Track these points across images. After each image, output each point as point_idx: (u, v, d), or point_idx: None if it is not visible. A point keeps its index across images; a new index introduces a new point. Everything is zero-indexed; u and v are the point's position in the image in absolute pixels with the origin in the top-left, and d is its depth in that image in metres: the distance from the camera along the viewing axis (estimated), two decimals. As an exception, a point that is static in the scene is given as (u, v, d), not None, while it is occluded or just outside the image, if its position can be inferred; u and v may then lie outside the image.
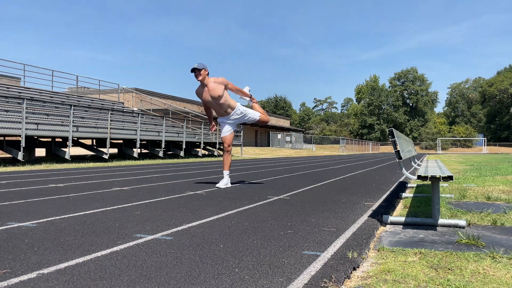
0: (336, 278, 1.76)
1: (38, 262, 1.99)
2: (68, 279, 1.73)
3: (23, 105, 11.55)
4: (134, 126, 16.62)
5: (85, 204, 3.94)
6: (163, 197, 4.52)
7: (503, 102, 76.34)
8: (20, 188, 5.35)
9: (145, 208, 3.75)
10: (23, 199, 4.27)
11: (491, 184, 6.10)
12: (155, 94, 30.74)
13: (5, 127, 11.11)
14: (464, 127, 77.63)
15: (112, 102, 22.38)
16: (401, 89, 78.94)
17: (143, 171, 9.16)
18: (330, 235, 2.61)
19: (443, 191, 5.20)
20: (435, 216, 2.99)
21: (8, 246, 2.30)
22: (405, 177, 7.37)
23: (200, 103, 37.20)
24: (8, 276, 1.76)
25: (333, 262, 1.99)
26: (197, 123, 23.21)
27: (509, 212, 3.52)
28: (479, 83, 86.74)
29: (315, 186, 5.77)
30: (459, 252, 2.22)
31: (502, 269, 1.91)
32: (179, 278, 1.75)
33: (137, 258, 2.07)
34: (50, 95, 18.79)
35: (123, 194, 4.83)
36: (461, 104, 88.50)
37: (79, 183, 6.12)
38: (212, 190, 5.29)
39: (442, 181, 2.89)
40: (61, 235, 2.60)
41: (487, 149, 58.09)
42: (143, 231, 2.71)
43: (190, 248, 2.26)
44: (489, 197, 4.47)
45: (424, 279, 1.77)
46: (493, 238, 2.59)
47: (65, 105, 15.52)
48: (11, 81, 21.60)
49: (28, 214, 3.35)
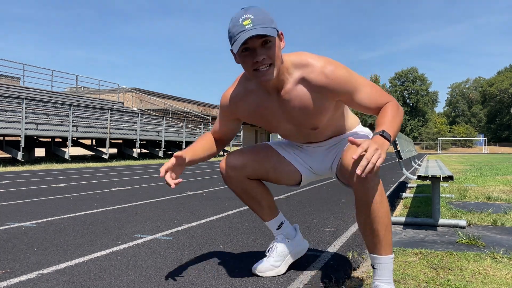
0: (336, 278, 1.75)
1: (37, 262, 1.98)
2: (68, 279, 1.73)
3: (22, 105, 11.54)
4: (134, 126, 16.62)
5: (85, 204, 3.94)
6: (163, 197, 4.52)
7: (504, 102, 76.35)
8: (20, 188, 5.34)
9: (145, 208, 3.74)
10: (23, 199, 4.27)
11: (491, 184, 6.09)
12: (155, 94, 30.74)
13: (5, 127, 11.11)
14: (465, 127, 77.63)
15: (112, 102, 22.38)
16: (401, 89, 78.96)
17: (143, 171, 9.16)
18: (330, 235, 2.60)
19: (443, 191, 5.20)
20: (435, 216, 2.99)
21: (7, 246, 2.29)
22: (405, 177, 7.37)
23: (199, 103, 37.10)
24: (7, 276, 1.76)
25: (333, 262, 1.98)
26: (197, 123, 23.22)
27: (510, 212, 3.52)
28: (479, 83, 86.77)
29: (315, 186, 5.77)
30: (459, 252, 2.21)
31: (502, 269, 1.91)
32: (179, 278, 1.74)
33: (137, 258, 2.06)
34: (50, 95, 18.79)
35: (123, 194, 4.83)
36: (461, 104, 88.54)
37: (78, 183, 6.12)
38: (212, 190, 5.28)
39: (443, 181, 2.88)
40: (61, 235, 2.60)
41: (487, 149, 58.10)
42: (143, 231, 2.71)
43: (190, 248, 2.26)
44: (489, 197, 4.47)
45: (424, 279, 1.77)
46: (493, 238, 2.58)
47: (65, 105, 15.51)
48: (11, 81, 21.60)
49: (28, 214, 3.35)
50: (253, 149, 1.77)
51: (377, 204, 1.43)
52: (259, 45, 1.39)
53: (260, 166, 1.73)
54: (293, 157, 1.77)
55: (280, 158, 1.76)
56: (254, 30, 1.35)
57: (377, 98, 1.54)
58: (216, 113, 36.94)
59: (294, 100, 1.54)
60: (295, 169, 1.76)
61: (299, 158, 1.76)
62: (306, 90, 1.52)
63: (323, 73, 1.48)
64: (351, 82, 1.50)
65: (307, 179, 1.80)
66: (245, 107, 1.64)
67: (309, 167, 1.77)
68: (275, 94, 1.56)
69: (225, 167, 1.73)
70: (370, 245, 1.51)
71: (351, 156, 1.45)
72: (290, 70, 1.51)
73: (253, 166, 1.72)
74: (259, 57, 1.39)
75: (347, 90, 1.51)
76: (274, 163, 1.75)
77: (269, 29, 1.37)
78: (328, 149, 1.73)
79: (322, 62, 1.50)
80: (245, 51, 1.41)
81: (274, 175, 1.76)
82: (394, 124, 1.45)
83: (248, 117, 1.68)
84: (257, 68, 1.41)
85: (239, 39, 1.36)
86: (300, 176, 1.78)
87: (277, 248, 1.81)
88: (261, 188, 1.78)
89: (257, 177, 1.75)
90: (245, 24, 1.36)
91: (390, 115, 1.48)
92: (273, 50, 1.40)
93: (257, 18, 1.37)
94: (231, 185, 1.76)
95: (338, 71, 1.49)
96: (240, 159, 1.71)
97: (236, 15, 1.40)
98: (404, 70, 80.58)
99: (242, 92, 1.63)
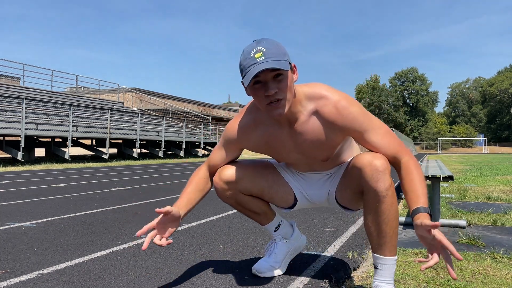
0: (336, 278, 1.75)
1: (37, 262, 1.98)
2: (68, 279, 1.73)
3: (22, 105, 11.54)
4: (134, 126, 16.62)
5: (85, 204, 3.94)
6: (163, 197, 4.52)
7: (504, 102, 76.35)
8: (20, 188, 5.34)
9: (145, 208, 3.74)
10: (23, 199, 4.27)
11: (491, 184, 6.09)
12: (155, 94, 30.74)
13: (5, 127, 11.11)
14: (465, 127, 77.63)
15: (112, 102, 22.38)
16: (401, 89, 78.96)
17: (143, 171, 9.16)
18: (330, 235, 2.60)
19: (443, 191, 5.20)
20: (435, 216, 2.99)
21: (7, 246, 2.29)
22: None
23: (199, 103, 37.06)
24: (7, 276, 1.76)
25: (333, 262, 1.98)
26: (197, 123, 23.23)
27: (510, 212, 3.52)
28: (479, 83, 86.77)
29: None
30: (459, 252, 2.21)
31: (502, 269, 1.91)
32: (179, 278, 1.74)
33: (137, 258, 2.06)
34: (50, 95, 18.79)
35: (123, 194, 4.82)
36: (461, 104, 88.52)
37: (78, 183, 6.12)
38: (212, 190, 5.28)
39: (443, 181, 2.88)
40: (61, 235, 2.60)
41: (487, 149, 58.11)
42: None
43: (190, 248, 2.26)
44: (489, 197, 4.47)
45: (424, 279, 1.77)
46: (493, 238, 2.58)
47: (65, 105, 15.52)
48: (11, 81, 21.60)
49: (28, 214, 3.35)
50: (251, 163, 1.71)
51: (389, 205, 1.42)
52: (271, 78, 1.35)
53: (256, 182, 1.66)
54: (292, 180, 1.71)
55: (279, 177, 1.70)
56: (265, 63, 1.31)
57: (395, 147, 1.49)
58: (216, 113, 36.94)
59: (306, 133, 1.49)
60: (290, 191, 1.70)
61: (297, 183, 1.71)
62: (319, 123, 1.48)
63: (336, 108, 1.45)
64: (363, 121, 1.46)
65: (300, 204, 1.74)
66: (254, 138, 1.58)
67: (305, 194, 1.71)
68: (287, 126, 1.51)
69: (219, 180, 1.65)
70: (375, 245, 1.50)
71: (363, 161, 1.46)
72: (303, 102, 1.47)
73: (248, 181, 1.65)
74: (271, 91, 1.35)
75: (358, 129, 1.47)
76: (270, 181, 1.68)
77: (281, 62, 1.33)
78: (327, 176, 1.68)
79: (337, 96, 1.47)
80: (257, 83, 1.37)
81: (268, 194, 1.69)
82: (426, 193, 1.40)
83: (256, 147, 1.61)
84: (269, 102, 1.37)
85: (250, 72, 1.32)
86: (294, 199, 1.72)
87: (275, 249, 1.81)
88: (255, 200, 1.71)
89: (250, 193, 1.68)
90: (257, 57, 1.33)
91: (419, 181, 1.42)
92: (285, 83, 1.36)
93: (269, 51, 1.34)
94: (225, 198, 1.68)
95: (352, 108, 1.46)
96: (235, 173, 1.64)
97: (248, 48, 1.37)
98: (404, 70, 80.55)
99: (251, 123, 1.57)
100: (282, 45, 1.39)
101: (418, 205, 1.35)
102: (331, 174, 1.68)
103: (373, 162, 1.44)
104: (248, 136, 1.59)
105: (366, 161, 1.45)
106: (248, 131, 1.58)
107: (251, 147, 1.63)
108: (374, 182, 1.42)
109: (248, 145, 1.62)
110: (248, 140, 1.60)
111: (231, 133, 1.62)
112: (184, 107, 30.88)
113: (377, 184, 1.42)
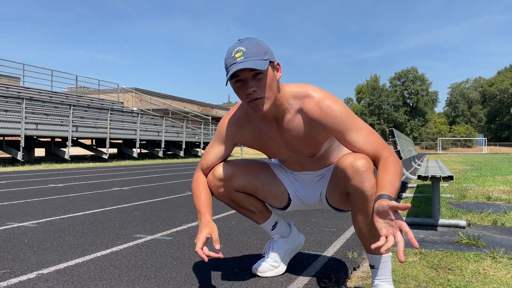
0: (336, 278, 1.75)
1: (37, 262, 1.98)
2: (68, 279, 1.73)
3: (22, 105, 11.54)
4: (134, 126, 16.62)
5: (85, 204, 3.94)
6: (163, 197, 4.52)
7: (504, 102, 76.35)
8: (20, 188, 5.34)
9: (145, 208, 3.74)
10: (23, 199, 4.27)
11: (491, 184, 6.09)
12: (154, 94, 30.74)
13: (5, 127, 11.11)
14: (465, 127, 77.65)
15: (112, 102, 22.38)
16: (401, 89, 78.95)
17: (142, 171, 9.16)
18: (330, 235, 2.60)
19: (443, 191, 5.20)
20: (435, 216, 2.99)
21: (7, 246, 2.29)
22: (405, 177, 7.36)
23: (199, 103, 37.07)
24: (7, 276, 1.76)
25: (333, 262, 1.98)
26: (197, 123, 23.23)
27: (510, 212, 3.52)
28: (479, 83, 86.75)
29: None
30: (459, 252, 2.21)
31: (502, 269, 1.91)
32: (179, 278, 1.74)
33: (137, 258, 2.06)
34: (50, 95, 18.80)
35: (122, 194, 4.83)
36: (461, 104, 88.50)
37: (78, 183, 6.12)
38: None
39: (443, 181, 2.88)
40: (61, 235, 2.60)
41: (487, 149, 58.10)
42: (143, 231, 2.71)
43: (190, 248, 2.26)
44: (489, 197, 4.47)
45: (424, 279, 1.77)
46: (493, 238, 2.58)
47: (65, 105, 15.52)
48: (11, 81, 21.61)
49: (28, 214, 3.35)
50: (244, 162, 1.72)
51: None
52: (251, 77, 1.39)
53: (249, 179, 1.68)
54: (286, 179, 1.73)
55: (273, 176, 1.72)
56: (243, 63, 1.36)
57: (377, 144, 1.49)
58: (216, 113, 36.93)
59: (293, 130, 1.53)
60: (284, 191, 1.72)
61: (291, 184, 1.73)
62: (302, 121, 1.51)
63: (319, 106, 1.48)
64: (346, 121, 1.48)
65: (294, 205, 1.75)
66: (246, 132, 1.63)
67: (299, 195, 1.73)
68: (274, 123, 1.55)
69: (212, 177, 1.66)
70: (367, 246, 1.50)
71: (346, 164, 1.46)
72: (290, 100, 1.51)
73: (241, 178, 1.66)
74: (250, 89, 1.39)
75: (340, 128, 1.48)
76: (264, 179, 1.70)
77: (259, 62, 1.36)
78: (319, 177, 1.69)
79: (322, 95, 1.50)
80: (238, 82, 1.41)
81: (262, 192, 1.70)
82: (395, 185, 1.36)
83: (250, 142, 1.65)
84: (250, 100, 1.41)
85: (230, 71, 1.37)
86: (288, 199, 1.73)
87: (274, 248, 1.81)
88: (249, 198, 1.72)
89: (244, 190, 1.69)
90: (237, 56, 1.37)
91: (392, 174, 1.39)
92: (264, 81, 1.40)
93: (249, 50, 1.37)
94: (219, 195, 1.69)
95: (335, 107, 1.48)
96: (229, 170, 1.66)
97: (231, 47, 1.42)
98: (404, 70, 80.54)
99: (243, 117, 1.62)
100: (265, 44, 1.43)
101: (384, 192, 1.32)
102: (323, 175, 1.69)
103: (354, 163, 1.44)
104: (241, 130, 1.63)
105: (348, 162, 1.46)
106: (241, 125, 1.62)
107: (245, 141, 1.65)
108: (359, 182, 1.43)
109: (241, 139, 1.65)
110: (241, 134, 1.64)
111: (226, 127, 1.65)
112: (184, 107, 30.88)
113: (362, 185, 1.43)
